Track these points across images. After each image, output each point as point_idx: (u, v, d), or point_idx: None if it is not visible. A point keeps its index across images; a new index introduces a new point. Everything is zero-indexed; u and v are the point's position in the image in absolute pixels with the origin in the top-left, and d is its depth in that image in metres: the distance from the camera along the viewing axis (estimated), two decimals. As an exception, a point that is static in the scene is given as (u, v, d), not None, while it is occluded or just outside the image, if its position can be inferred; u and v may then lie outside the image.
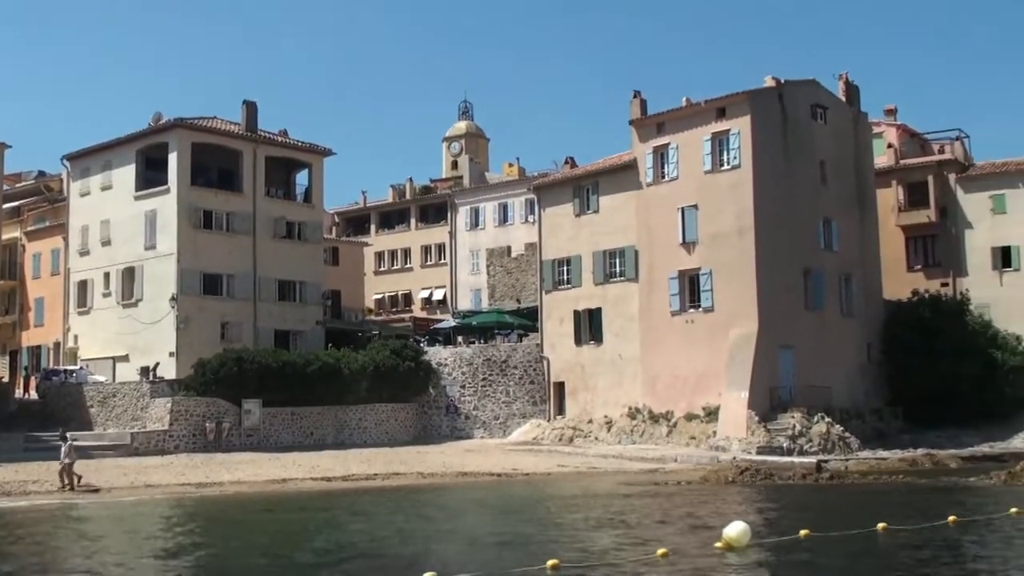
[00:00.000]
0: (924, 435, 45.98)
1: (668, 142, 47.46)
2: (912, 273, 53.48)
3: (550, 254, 52.39)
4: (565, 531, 21.81)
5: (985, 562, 17.18)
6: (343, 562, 18.47)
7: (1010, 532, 19.99)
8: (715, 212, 45.23)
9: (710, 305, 45.09)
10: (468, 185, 73.36)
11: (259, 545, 20.77)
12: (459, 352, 54.69)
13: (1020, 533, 19.87)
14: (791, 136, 46.34)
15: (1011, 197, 51.53)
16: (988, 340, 49.04)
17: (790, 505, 26.68)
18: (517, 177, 70.69)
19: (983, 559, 17.49)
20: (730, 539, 17.77)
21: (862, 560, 17.37)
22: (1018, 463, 32.11)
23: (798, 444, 40.63)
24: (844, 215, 48.55)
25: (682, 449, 42.30)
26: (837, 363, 46.36)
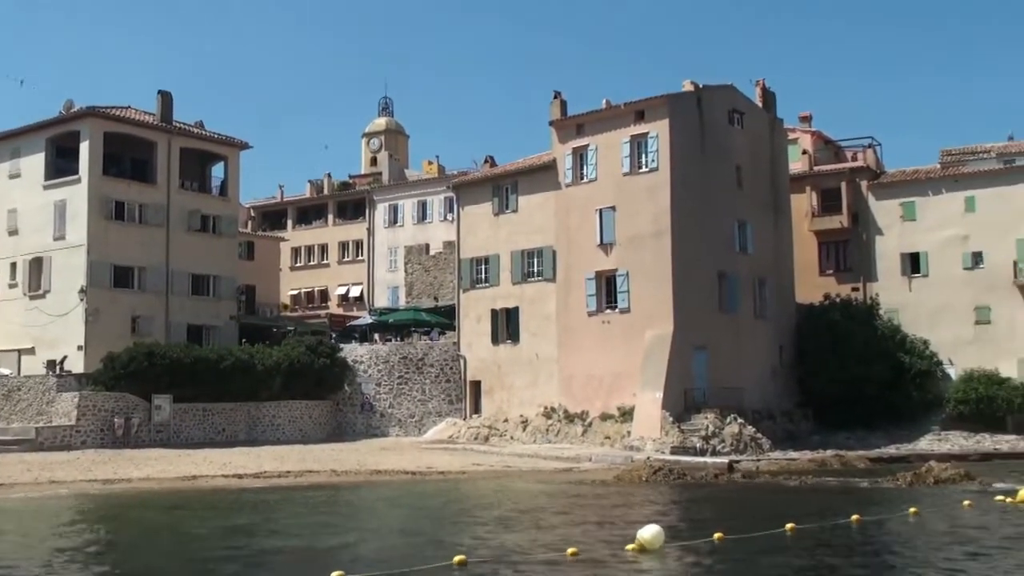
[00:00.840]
0: (833, 436, 46.90)
1: (587, 143, 47.68)
2: (824, 277, 54.39)
3: (468, 253, 52.35)
4: (477, 529, 21.75)
5: (886, 561, 17.49)
6: (252, 560, 18.20)
7: (910, 531, 20.38)
8: (633, 214, 45.54)
9: (626, 306, 45.40)
10: (387, 182, 72.96)
11: (165, 544, 20.38)
12: (375, 350, 54.42)
13: (919, 532, 20.26)
14: (708, 140, 46.84)
15: (920, 205, 52.66)
16: (896, 344, 50.13)
17: (702, 506, 26.94)
18: (436, 175, 70.48)
19: (884, 558, 17.81)
20: (644, 541, 17.80)
21: (770, 561, 17.56)
22: (923, 465, 32.81)
23: (711, 444, 41.09)
24: (759, 219, 49.23)
25: (597, 449, 42.51)
26: (750, 365, 47.00)
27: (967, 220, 51.36)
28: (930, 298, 51.61)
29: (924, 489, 28.71)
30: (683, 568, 16.96)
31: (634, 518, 22.15)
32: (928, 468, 31.39)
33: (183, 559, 18.49)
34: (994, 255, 50.53)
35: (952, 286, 51.26)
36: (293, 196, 77.99)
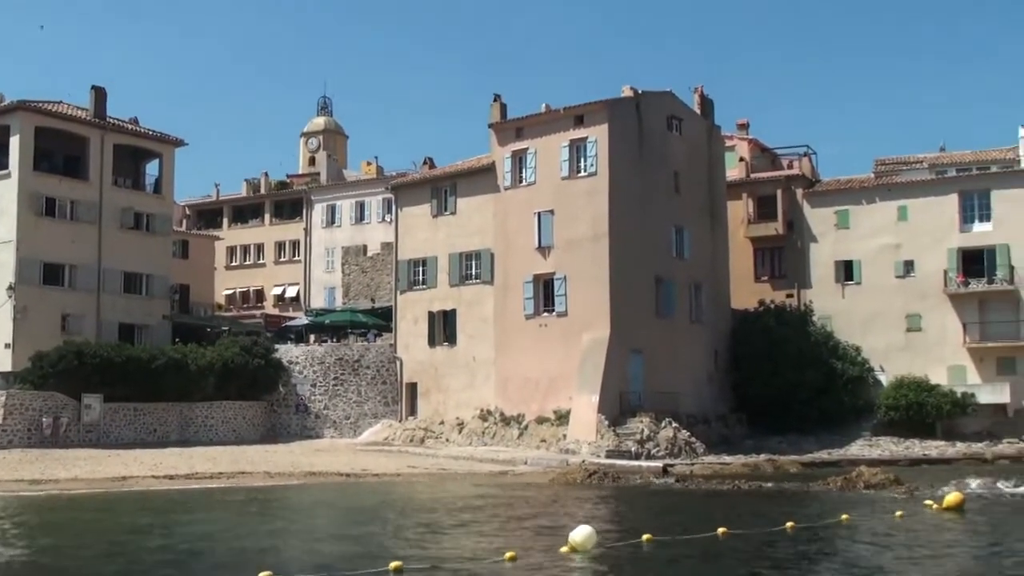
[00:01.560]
0: (767, 441, 47.41)
1: (527, 147, 47.73)
2: (759, 284, 54.94)
3: (406, 254, 52.16)
4: (412, 532, 21.62)
5: (817, 567, 17.63)
6: (181, 562, 17.91)
7: (842, 537, 20.58)
8: (571, 218, 45.65)
9: (564, 310, 45.49)
10: (325, 182, 72.42)
11: (93, 545, 19.97)
12: (311, 350, 54.03)
13: (851, 538, 20.46)
14: (647, 146, 47.09)
15: (854, 213, 53.38)
16: (829, 350, 50.82)
17: (636, 509, 27.03)
18: (375, 176, 70.08)
19: (814, 564, 17.96)
20: (576, 543, 17.83)
21: (702, 565, 17.65)
22: (853, 469, 33.25)
23: (646, 448, 41.28)
24: (696, 225, 49.60)
25: (532, 452, 42.53)
26: (685, 369, 47.31)
27: (899, 229, 52.17)
28: (863, 305, 52.32)
29: (854, 494, 29.04)
30: (613, 569, 16.98)
31: (567, 521, 22.14)
32: (858, 473, 31.84)
33: (110, 561, 18.12)
34: (925, 264, 51.37)
35: (884, 294, 52.02)
36: (229, 195, 77.09)
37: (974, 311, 50.50)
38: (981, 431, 48.34)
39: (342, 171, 76.65)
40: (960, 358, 50.41)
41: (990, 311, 50.37)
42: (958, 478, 31.11)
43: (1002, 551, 18.81)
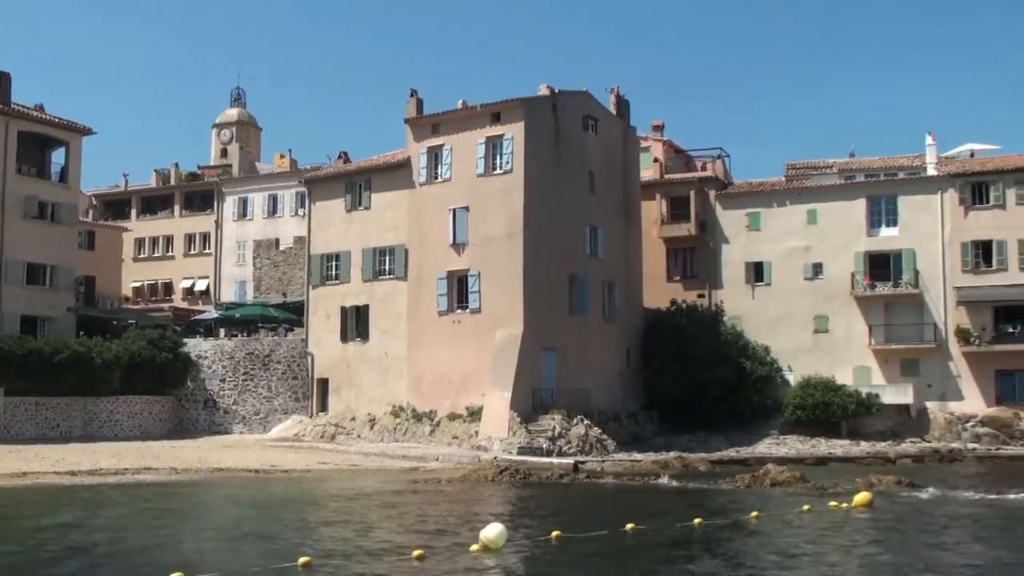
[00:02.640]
0: (677, 438, 47.88)
1: (443, 143, 47.57)
2: (672, 283, 55.45)
3: (319, 249, 51.67)
4: (320, 529, 21.38)
5: (724, 562, 17.80)
6: (85, 561, 17.44)
7: (750, 534, 20.81)
8: (486, 215, 45.59)
9: (477, 306, 45.43)
10: (237, 174, 71.47)
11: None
12: (220, 345, 53.27)
13: (758, 535, 20.70)
14: (563, 145, 47.22)
15: (765, 215, 54.16)
16: (739, 350, 51.50)
17: (547, 506, 27.03)
18: (288, 169, 69.33)
19: (723, 559, 18.13)
20: (487, 540, 17.77)
21: (610, 560, 17.71)
22: (761, 467, 33.71)
23: (557, 445, 41.39)
24: (610, 224, 49.89)
25: (444, 448, 42.41)
26: (598, 367, 47.56)
27: (809, 232, 53.07)
28: (772, 306, 53.13)
29: (761, 491, 29.41)
30: (523, 566, 16.95)
31: (479, 518, 22.08)
32: (765, 471, 32.29)
33: (15, 561, 17.57)
34: (833, 267, 52.33)
35: (793, 295, 52.88)
36: (138, 185, 75.61)
37: (880, 313, 51.58)
38: (885, 431, 49.40)
39: (255, 164, 75.72)
40: (865, 359, 51.46)
41: (895, 314, 51.49)
42: (863, 475, 31.67)
43: (905, 547, 19.18)
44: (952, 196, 51.07)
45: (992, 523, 23.44)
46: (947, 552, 18.76)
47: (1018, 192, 50.05)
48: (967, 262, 50.50)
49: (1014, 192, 50.13)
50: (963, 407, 49.71)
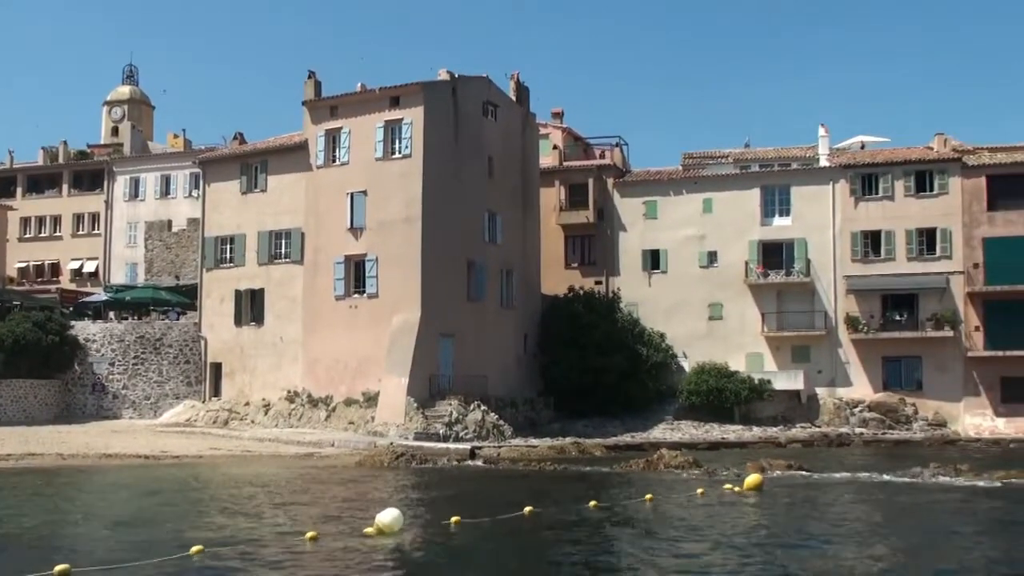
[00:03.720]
0: (573, 424, 48.24)
1: (341, 126, 47.05)
2: (570, 270, 55.72)
3: (213, 231, 50.77)
4: (211, 515, 21.02)
5: (618, 546, 17.95)
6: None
7: (643, 516, 21.02)
8: (384, 199, 45.24)
9: (374, 291, 45.09)
10: (129, 153, 69.73)
11: None
12: (110, 328, 52.06)
13: (652, 517, 20.93)
14: (462, 130, 47.04)
15: (662, 204, 54.71)
16: (635, 336, 51.99)
17: (444, 491, 27.00)
18: (182, 149, 67.92)
19: (616, 542, 18.28)
20: (382, 525, 17.66)
21: (507, 543, 17.73)
22: (655, 452, 34.13)
23: (454, 431, 41.38)
24: (509, 211, 49.91)
25: (340, 434, 42.06)
26: (495, 353, 47.60)
27: (704, 221, 53.76)
28: (668, 293, 53.74)
29: (656, 475, 29.76)
30: (418, 550, 16.87)
31: (374, 503, 21.93)
32: (660, 455, 32.70)
33: None
34: (728, 255, 53.12)
35: (688, 283, 53.56)
36: (24, 163, 73.26)
37: (772, 301, 52.54)
38: (776, 416, 50.38)
39: (147, 143, 73.96)
40: (758, 346, 52.39)
41: (787, 302, 52.49)
42: (754, 459, 32.25)
43: (790, 528, 19.55)
44: (843, 187, 52.22)
45: (876, 503, 24.02)
46: (830, 529, 19.15)
47: (906, 184, 51.38)
48: (856, 251, 51.70)
49: (902, 184, 51.44)
50: (851, 393, 50.95)
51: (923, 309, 50.71)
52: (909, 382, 50.77)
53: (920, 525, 20.44)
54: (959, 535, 19.15)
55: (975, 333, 49.97)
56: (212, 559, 15.49)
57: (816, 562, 15.86)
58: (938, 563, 16.04)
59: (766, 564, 15.57)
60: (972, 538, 18.78)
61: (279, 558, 15.82)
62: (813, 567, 15.49)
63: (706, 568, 15.35)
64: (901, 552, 17.01)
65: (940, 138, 53.78)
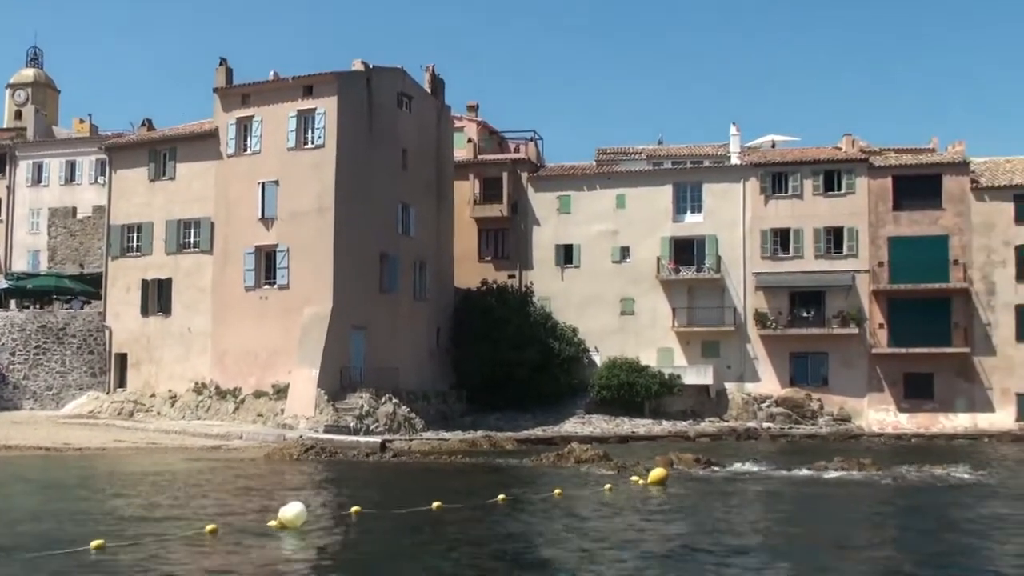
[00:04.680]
0: (485, 418, 48.31)
1: (253, 114, 46.38)
2: (483, 263, 55.70)
3: (120, 219, 49.71)
4: (115, 509, 20.55)
5: (522, 540, 17.92)
6: None
7: (552, 510, 21.06)
8: (296, 189, 44.74)
9: (285, 282, 44.57)
10: (32, 138, 67.95)
11: None
12: (10, 317, 50.77)
13: (560, 511, 20.97)
14: (376, 121, 46.72)
15: (575, 199, 54.97)
16: (548, 330, 52.19)
17: (352, 484, 26.74)
18: (88, 135, 66.36)
19: (524, 534, 18.27)
20: (285, 519, 17.43)
21: (413, 537, 17.62)
22: (566, 446, 34.26)
23: (365, 424, 41.16)
24: (422, 203, 49.71)
25: (249, 426, 41.52)
26: (407, 346, 47.42)
27: (617, 216, 54.13)
28: (581, 288, 54.01)
29: (566, 469, 29.84)
30: (321, 545, 16.69)
31: (280, 496, 21.65)
32: (570, 449, 32.83)
33: None
34: (640, 251, 53.56)
35: (601, 278, 53.89)
36: (-77, 147, 70.97)
37: (683, 297, 53.11)
38: (686, 410, 50.98)
39: (52, 128, 72.15)
40: (669, 341, 52.91)
41: (697, 297, 53.11)
42: (663, 453, 32.49)
43: (692, 519, 19.73)
44: (754, 185, 52.96)
45: (779, 496, 24.36)
46: (733, 521, 19.37)
47: (815, 183, 52.28)
48: (766, 249, 52.49)
49: (811, 183, 52.33)
50: (759, 388, 51.76)
51: (830, 306, 51.68)
52: (815, 378, 51.73)
53: (821, 519, 20.75)
54: (861, 527, 19.48)
55: (879, 330, 51.07)
56: (112, 553, 15.12)
57: (715, 558, 15.97)
58: (838, 560, 16.26)
59: (665, 558, 15.66)
60: (874, 531, 19.12)
61: (179, 551, 15.52)
62: (713, 562, 15.59)
63: (608, 562, 15.39)
64: (799, 544, 17.23)
65: (848, 139, 54.79)
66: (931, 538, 18.31)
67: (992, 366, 50.04)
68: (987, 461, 34.78)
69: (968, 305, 50.53)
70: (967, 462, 31.60)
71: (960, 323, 50.38)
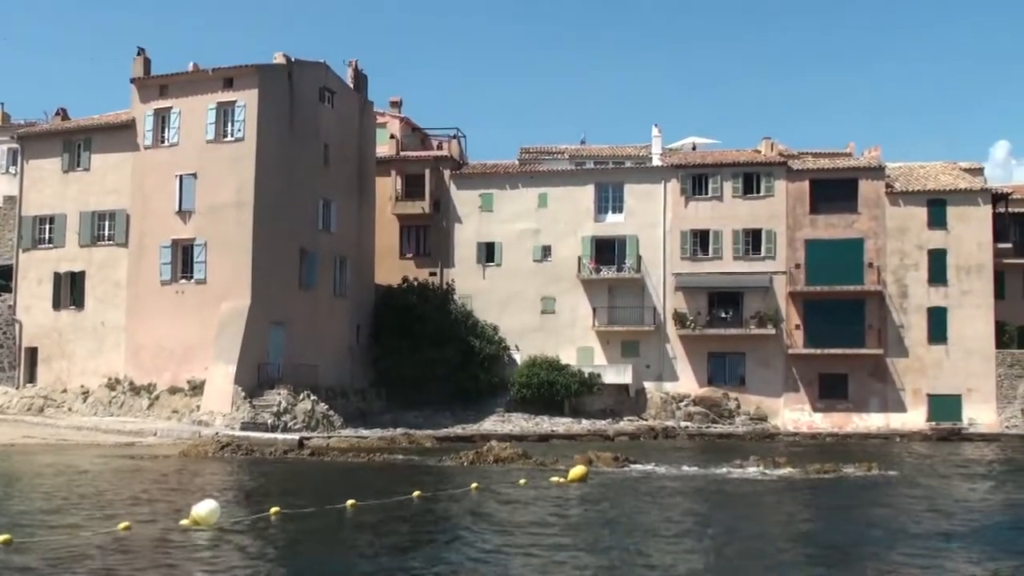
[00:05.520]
0: (404, 415, 48.10)
1: (171, 106, 45.65)
2: (404, 260, 55.45)
3: (32, 210, 48.57)
4: (21, 505, 20.05)
5: (439, 534, 17.89)
6: None
7: (467, 507, 21.01)
8: (215, 183, 44.14)
9: (203, 277, 43.95)
10: (-59, 127, 66.12)
11: None
12: (-84, 310, 49.24)
13: (475, 507, 20.93)
14: (297, 115, 46.29)
15: (498, 197, 54.97)
16: (468, 329, 52.15)
17: (268, 482, 26.44)
18: (0, 123, 64.72)
19: (438, 531, 18.22)
20: (198, 517, 17.16)
21: (327, 535, 17.46)
22: (485, 444, 34.26)
23: (283, 421, 40.82)
24: (344, 199, 49.36)
25: (163, 423, 40.88)
26: (327, 342, 47.07)
27: (539, 215, 54.27)
28: (502, 286, 54.04)
29: (485, 467, 29.82)
30: (234, 542, 16.44)
31: (194, 494, 21.32)
32: (489, 447, 32.92)
33: None
34: (561, 250, 53.75)
35: (522, 276, 53.97)
36: None
37: (603, 296, 53.40)
38: (605, 409, 51.25)
39: (-39, 116, 70.20)
40: (589, 340, 53.17)
41: (618, 297, 53.44)
42: (582, 452, 32.63)
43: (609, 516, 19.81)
44: (674, 186, 53.44)
45: (695, 494, 24.56)
46: (647, 518, 19.50)
47: (734, 185, 52.92)
48: (686, 249, 53.00)
49: (730, 185, 52.96)
50: (678, 387, 52.25)
51: (747, 307, 52.35)
52: (733, 377, 52.36)
53: (736, 517, 20.94)
54: (775, 525, 19.70)
55: (795, 331, 51.84)
56: (19, 550, 14.74)
57: (630, 555, 16.04)
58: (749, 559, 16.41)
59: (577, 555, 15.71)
60: (788, 528, 19.35)
61: (90, 549, 15.17)
62: (628, 559, 15.66)
63: (522, 560, 15.38)
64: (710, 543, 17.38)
65: (767, 142, 55.56)
66: (837, 531, 18.62)
67: (904, 367, 51.08)
68: (899, 460, 35.49)
69: (882, 307, 51.52)
70: (877, 460, 32.17)
71: (874, 325, 51.36)
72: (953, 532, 18.44)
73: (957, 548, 16.66)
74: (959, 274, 51.13)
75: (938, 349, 51.02)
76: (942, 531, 18.51)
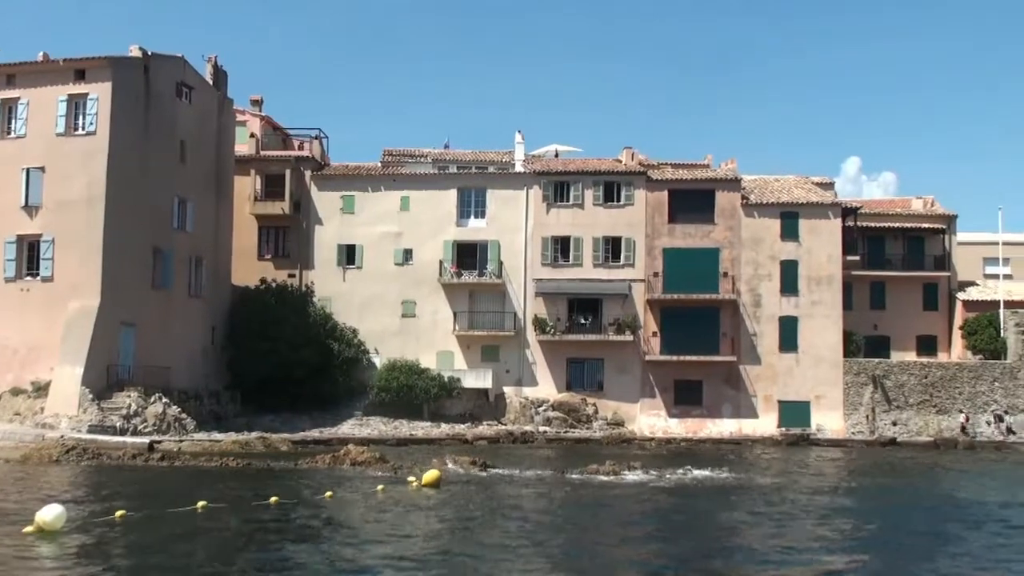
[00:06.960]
0: (260, 419, 47.28)
1: (18, 96, 43.89)
2: (263, 262, 54.43)
3: None
4: None
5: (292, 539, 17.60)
6: None
7: (320, 512, 20.75)
8: (64, 177, 42.60)
9: (49, 275, 42.36)
10: None
11: None
12: None
13: (328, 512, 20.69)
14: (153, 110, 45.04)
15: (359, 199, 54.43)
16: (327, 331, 51.46)
17: (116, 486, 25.69)
18: None
19: (291, 536, 17.91)
20: (43, 523, 16.52)
21: (177, 540, 17.00)
22: (342, 448, 33.89)
23: (133, 424, 39.73)
24: (200, 197, 48.23)
25: (4, 426, 39.24)
26: (181, 344, 45.89)
27: (402, 218, 53.91)
28: (362, 289, 53.50)
29: (342, 471, 29.49)
30: (80, 548, 15.86)
31: (37, 499, 20.49)
32: (346, 451, 32.67)
33: None
34: (423, 253, 53.49)
35: (383, 279, 53.52)
36: None
37: (464, 301, 53.32)
38: (464, 413, 51.22)
39: None
40: (449, 344, 53.04)
41: (479, 302, 53.44)
42: (440, 456, 32.58)
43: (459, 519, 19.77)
44: (537, 193, 53.73)
45: (551, 498, 24.71)
46: (500, 520, 19.56)
47: (595, 193, 53.47)
48: (547, 256, 53.34)
49: (592, 193, 53.50)
50: (537, 392, 52.48)
51: (606, 314, 52.91)
52: (591, 383, 52.86)
53: (587, 518, 21.14)
54: (629, 528, 19.93)
55: (653, 338, 52.61)
56: None
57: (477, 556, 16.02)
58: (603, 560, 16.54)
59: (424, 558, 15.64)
60: (642, 530, 19.59)
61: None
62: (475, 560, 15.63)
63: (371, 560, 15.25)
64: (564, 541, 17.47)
65: (628, 152, 56.36)
66: (687, 532, 18.95)
67: (757, 374, 52.36)
68: (749, 463, 36.34)
69: (736, 316, 52.72)
70: (726, 464, 32.90)
71: (728, 333, 52.51)
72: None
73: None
74: (810, 285, 52.70)
75: (789, 357, 52.46)
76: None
